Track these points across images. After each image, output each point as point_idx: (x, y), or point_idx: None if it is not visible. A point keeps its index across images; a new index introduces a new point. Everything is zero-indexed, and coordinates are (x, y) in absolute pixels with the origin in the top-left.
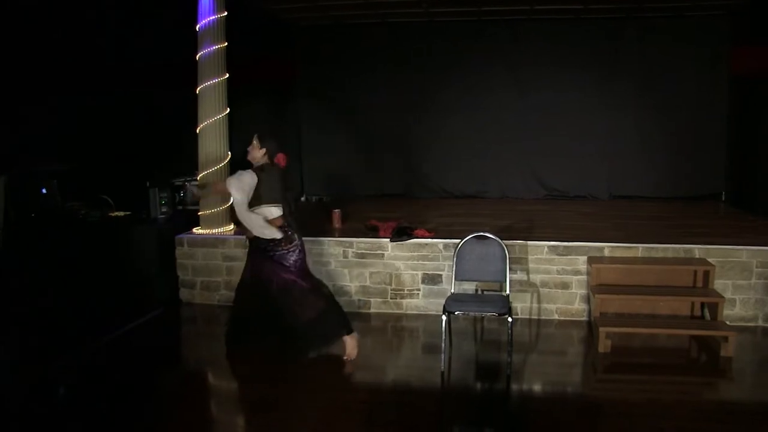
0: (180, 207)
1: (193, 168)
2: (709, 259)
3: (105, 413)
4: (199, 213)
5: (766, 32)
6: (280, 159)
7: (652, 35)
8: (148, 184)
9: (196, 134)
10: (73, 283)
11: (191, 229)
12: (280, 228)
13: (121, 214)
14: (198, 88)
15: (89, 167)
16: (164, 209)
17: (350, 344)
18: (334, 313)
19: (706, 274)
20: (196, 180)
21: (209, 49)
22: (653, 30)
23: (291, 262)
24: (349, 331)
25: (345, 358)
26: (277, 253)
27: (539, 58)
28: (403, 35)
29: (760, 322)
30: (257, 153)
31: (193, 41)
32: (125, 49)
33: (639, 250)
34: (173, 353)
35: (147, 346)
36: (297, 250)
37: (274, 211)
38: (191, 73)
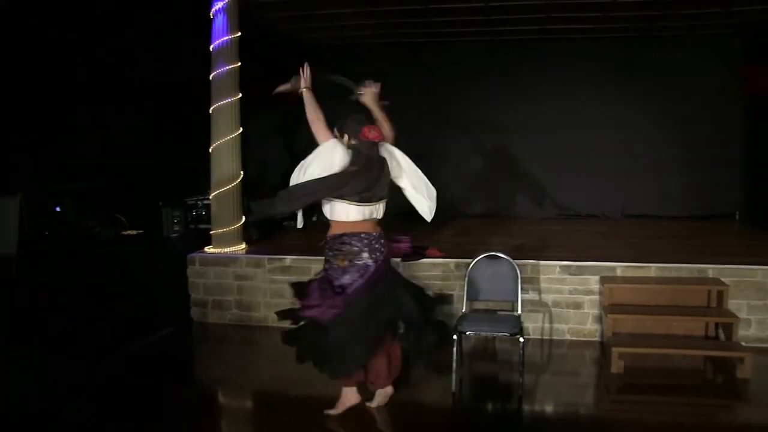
0: (192, 226)
1: (206, 187)
2: (723, 279)
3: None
4: (211, 232)
5: None
6: (366, 133)
7: (666, 54)
8: (160, 203)
9: (209, 153)
10: (85, 301)
11: (203, 248)
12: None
13: (134, 232)
14: (211, 108)
15: (104, 186)
16: (176, 228)
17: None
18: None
19: (720, 294)
20: (208, 198)
21: (222, 69)
22: (667, 49)
23: (341, 282)
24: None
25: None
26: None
27: (552, 77)
28: (416, 55)
29: None
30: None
31: (208, 61)
32: (141, 69)
33: (652, 269)
34: (185, 372)
35: (158, 365)
36: (356, 272)
37: (352, 211)
38: (205, 93)
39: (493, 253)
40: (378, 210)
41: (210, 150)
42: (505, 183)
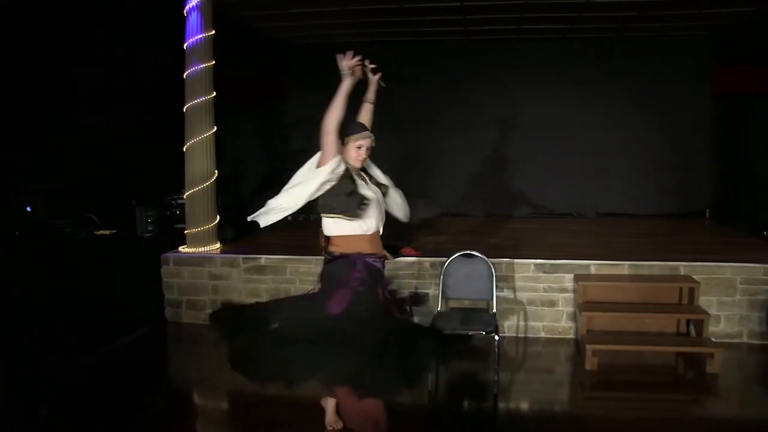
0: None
1: (180, 186)
2: (694, 276)
3: None
4: (185, 231)
5: (748, 53)
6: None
7: (639, 55)
8: (134, 202)
9: (183, 152)
10: (58, 302)
11: (177, 247)
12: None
13: (107, 232)
14: (185, 107)
15: (76, 185)
16: (150, 227)
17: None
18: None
19: (692, 291)
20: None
21: (196, 68)
22: (640, 49)
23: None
24: None
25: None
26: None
27: (526, 77)
28: (391, 54)
29: (745, 339)
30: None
31: (182, 60)
32: (114, 68)
33: (625, 267)
34: (159, 372)
35: (132, 365)
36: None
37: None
38: (180, 92)
39: (468, 252)
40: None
41: (184, 149)
42: (479, 182)
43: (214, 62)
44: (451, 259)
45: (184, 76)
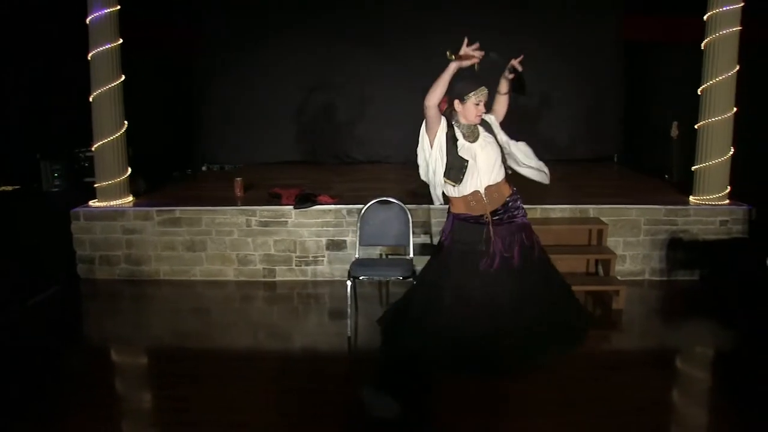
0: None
1: (88, 138)
2: (603, 218)
3: (2, 395)
4: (95, 185)
5: (656, 2)
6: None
7: (548, 2)
8: (38, 156)
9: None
10: None
11: (88, 202)
12: None
13: (9, 188)
14: (90, 54)
15: None
16: (57, 182)
17: None
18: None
19: (600, 233)
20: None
21: (100, 13)
22: None
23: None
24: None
25: None
26: None
27: (444, 22)
28: (305, 1)
29: (647, 276)
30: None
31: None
32: (14, 12)
33: (538, 210)
34: (75, 331)
35: (45, 325)
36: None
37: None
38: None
39: (385, 199)
40: None
41: (90, 99)
42: (396, 129)
43: (119, 7)
44: (367, 206)
45: (87, 22)
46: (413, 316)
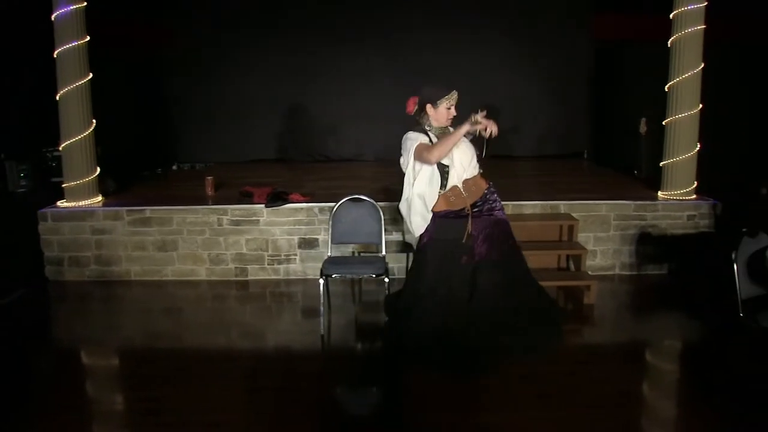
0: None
1: (55, 137)
2: (573, 214)
3: None
4: (63, 185)
5: (625, 1)
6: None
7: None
8: (2, 155)
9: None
10: None
11: (56, 202)
12: None
13: None
14: (55, 52)
15: None
16: (24, 182)
17: None
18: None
19: (571, 228)
20: None
21: (65, 9)
22: None
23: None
24: None
25: None
26: None
27: (410, 21)
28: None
29: (617, 270)
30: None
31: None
32: None
33: (510, 207)
34: (44, 333)
35: (13, 328)
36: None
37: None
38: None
39: (357, 196)
40: None
41: (57, 98)
42: (368, 127)
43: (85, 3)
44: (339, 203)
45: (53, 19)
46: (399, 313)
